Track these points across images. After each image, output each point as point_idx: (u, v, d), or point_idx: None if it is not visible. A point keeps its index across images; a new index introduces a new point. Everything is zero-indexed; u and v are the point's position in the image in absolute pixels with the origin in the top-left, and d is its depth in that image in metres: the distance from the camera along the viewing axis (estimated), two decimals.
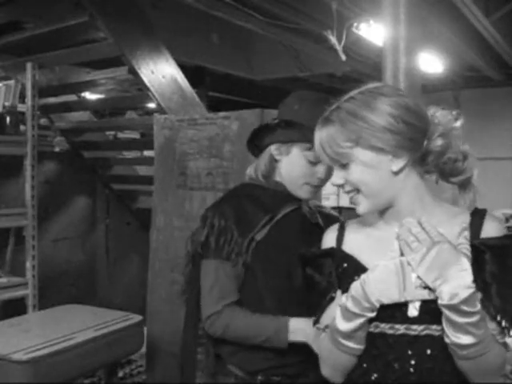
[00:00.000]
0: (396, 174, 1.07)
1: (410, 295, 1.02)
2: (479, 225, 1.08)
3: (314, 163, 1.40)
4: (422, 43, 2.37)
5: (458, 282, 0.97)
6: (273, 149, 1.46)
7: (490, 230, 1.07)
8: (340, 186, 1.12)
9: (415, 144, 1.07)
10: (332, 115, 1.09)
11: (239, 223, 1.39)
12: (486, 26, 4.38)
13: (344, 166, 1.09)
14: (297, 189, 1.45)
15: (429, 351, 1.04)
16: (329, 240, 1.20)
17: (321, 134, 1.10)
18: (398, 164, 1.06)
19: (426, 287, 1.01)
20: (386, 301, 1.02)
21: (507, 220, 4.37)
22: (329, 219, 1.47)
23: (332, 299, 1.14)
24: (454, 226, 1.08)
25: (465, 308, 0.96)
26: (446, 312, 0.98)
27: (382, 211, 1.13)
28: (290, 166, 1.44)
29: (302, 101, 1.45)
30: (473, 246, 1.05)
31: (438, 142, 1.10)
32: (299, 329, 1.33)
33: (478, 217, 1.10)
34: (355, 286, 1.04)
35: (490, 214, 1.11)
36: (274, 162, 1.48)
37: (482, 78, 6.86)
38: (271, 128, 1.47)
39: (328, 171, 1.40)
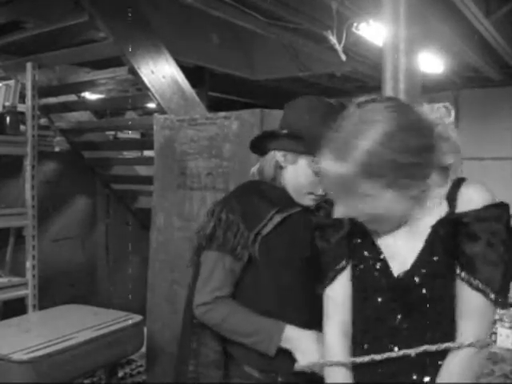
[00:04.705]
0: (414, 200, 1.09)
1: None
2: (454, 197, 1.09)
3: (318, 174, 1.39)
4: (421, 43, 2.37)
5: None
6: (278, 155, 1.45)
7: (466, 201, 1.08)
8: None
9: (432, 167, 1.09)
10: (346, 154, 1.02)
11: (246, 217, 1.39)
12: (486, 26, 4.38)
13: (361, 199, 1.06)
14: (300, 197, 1.45)
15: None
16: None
17: (333, 170, 1.04)
18: (417, 190, 1.08)
19: None
20: None
21: None
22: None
23: (343, 268, 1.18)
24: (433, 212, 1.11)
25: None
26: None
27: None
28: (296, 175, 1.43)
29: (312, 111, 1.41)
30: (449, 220, 1.08)
31: (449, 158, 1.12)
32: (293, 338, 1.33)
33: (455, 188, 1.11)
34: None
35: (466, 183, 1.11)
36: (279, 167, 1.46)
37: (482, 78, 6.87)
38: (278, 135, 1.46)
39: None
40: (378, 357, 1.09)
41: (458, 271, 1.06)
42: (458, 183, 1.11)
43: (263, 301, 1.40)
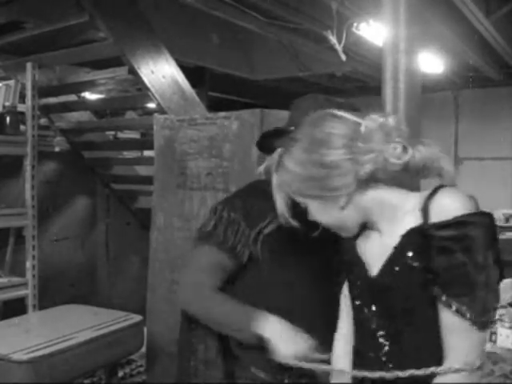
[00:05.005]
0: (344, 208, 1.08)
1: None
2: (428, 206, 1.01)
3: None
4: (421, 43, 2.37)
5: None
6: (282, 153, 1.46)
7: (438, 210, 0.99)
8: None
9: (344, 178, 1.05)
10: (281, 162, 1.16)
11: (248, 216, 1.40)
12: (486, 26, 4.38)
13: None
14: None
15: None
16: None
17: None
18: (341, 201, 1.07)
19: None
20: None
21: (507, 220, 4.37)
22: None
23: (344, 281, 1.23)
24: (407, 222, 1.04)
25: None
26: None
27: None
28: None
29: (317, 108, 1.43)
30: (419, 232, 1.01)
31: (367, 168, 1.03)
32: (273, 329, 1.31)
33: (430, 197, 1.02)
34: None
35: (442, 191, 1.02)
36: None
37: (482, 78, 6.86)
38: (285, 132, 1.45)
39: None
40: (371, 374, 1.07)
41: (435, 290, 0.99)
42: (435, 191, 1.03)
43: (265, 299, 1.39)
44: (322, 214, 1.11)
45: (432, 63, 5.52)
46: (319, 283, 1.39)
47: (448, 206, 0.99)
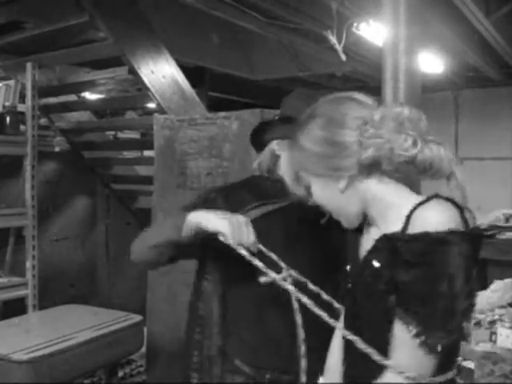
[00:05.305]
0: (344, 191, 1.07)
1: None
2: (411, 215, 0.96)
3: None
4: (421, 43, 2.37)
5: None
6: (274, 144, 1.48)
7: (415, 222, 0.95)
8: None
9: (349, 160, 1.04)
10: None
11: (228, 199, 1.42)
12: (486, 26, 4.38)
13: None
14: (295, 185, 1.42)
15: None
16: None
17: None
18: (342, 183, 1.06)
19: None
20: None
21: (507, 220, 4.36)
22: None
23: None
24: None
25: None
26: None
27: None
28: (290, 159, 1.42)
29: (302, 98, 1.45)
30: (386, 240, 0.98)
31: (369, 152, 1.01)
32: (197, 215, 1.29)
33: (418, 206, 0.97)
34: None
35: (431, 202, 0.98)
36: (275, 157, 1.49)
37: (482, 78, 6.86)
38: (271, 124, 1.49)
39: None
40: None
41: (390, 300, 0.96)
42: (427, 200, 0.98)
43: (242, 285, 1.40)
44: (323, 195, 1.11)
45: (432, 63, 5.52)
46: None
47: (428, 219, 0.94)
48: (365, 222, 1.15)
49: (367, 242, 1.12)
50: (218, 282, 1.47)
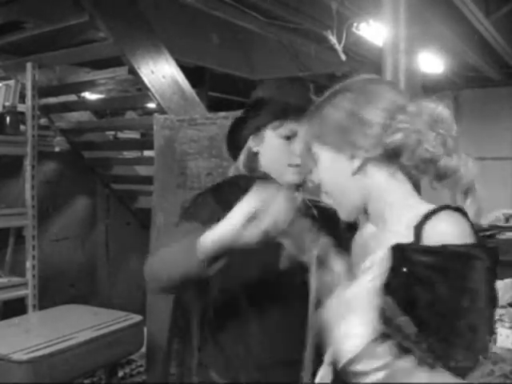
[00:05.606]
0: (355, 174, 1.00)
1: None
2: (421, 227, 0.89)
3: (288, 138, 1.34)
4: (421, 43, 2.37)
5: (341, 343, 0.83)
6: (250, 142, 1.42)
7: (432, 235, 0.88)
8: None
9: (369, 139, 0.98)
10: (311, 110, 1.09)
11: (219, 200, 1.33)
12: (486, 26, 4.38)
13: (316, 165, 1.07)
14: (281, 174, 1.37)
15: None
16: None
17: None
18: (355, 163, 1.00)
19: None
20: None
21: (507, 220, 4.36)
22: (325, 212, 1.32)
23: None
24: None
25: (356, 368, 0.80)
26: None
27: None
28: (269, 150, 1.38)
29: (267, 83, 1.42)
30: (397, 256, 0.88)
31: (396, 137, 0.95)
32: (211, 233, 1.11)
33: (427, 217, 0.90)
34: None
35: (442, 213, 0.91)
36: (253, 155, 1.42)
37: (482, 78, 6.86)
38: (241, 123, 1.43)
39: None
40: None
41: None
42: (439, 210, 0.91)
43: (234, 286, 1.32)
44: (331, 173, 1.04)
45: (432, 63, 5.52)
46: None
47: (444, 231, 0.88)
48: (360, 220, 1.10)
49: (360, 237, 1.09)
50: (199, 291, 1.40)
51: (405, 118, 0.96)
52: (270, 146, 1.38)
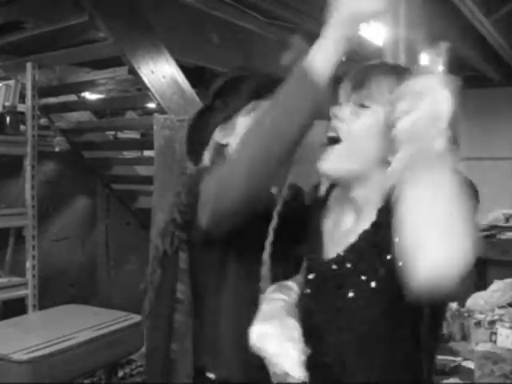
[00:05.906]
0: (379, 123, 1.00)
1: None
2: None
3: None
4: (421, 43, 2.37)
5: None
6: (216, 136, 1.29)
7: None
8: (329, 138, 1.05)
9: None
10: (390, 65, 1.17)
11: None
12: (486, 26, 4.38)
13: (359, 108, 1.05)
14: None
15: None
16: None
17: (372, 69, 1.14)
18: (380, 116, 1.01)
19: None
20: None
21: (507, 220, 4.37)
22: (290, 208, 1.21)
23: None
24: None
25: None
26: None
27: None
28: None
29: (221, 74, 1.35)
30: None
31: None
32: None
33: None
34: None
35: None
36: (221, 149, 1.28)
37: (482, 78, 6.86)
38: (203, 117, 1.34)
39: None
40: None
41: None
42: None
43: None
44: (371, 130, 1.02)
45: (431, 63, 5.51)
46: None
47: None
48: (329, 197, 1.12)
49: (335, 218, 1.06)
50: (192, 291, 1.29)
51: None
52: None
